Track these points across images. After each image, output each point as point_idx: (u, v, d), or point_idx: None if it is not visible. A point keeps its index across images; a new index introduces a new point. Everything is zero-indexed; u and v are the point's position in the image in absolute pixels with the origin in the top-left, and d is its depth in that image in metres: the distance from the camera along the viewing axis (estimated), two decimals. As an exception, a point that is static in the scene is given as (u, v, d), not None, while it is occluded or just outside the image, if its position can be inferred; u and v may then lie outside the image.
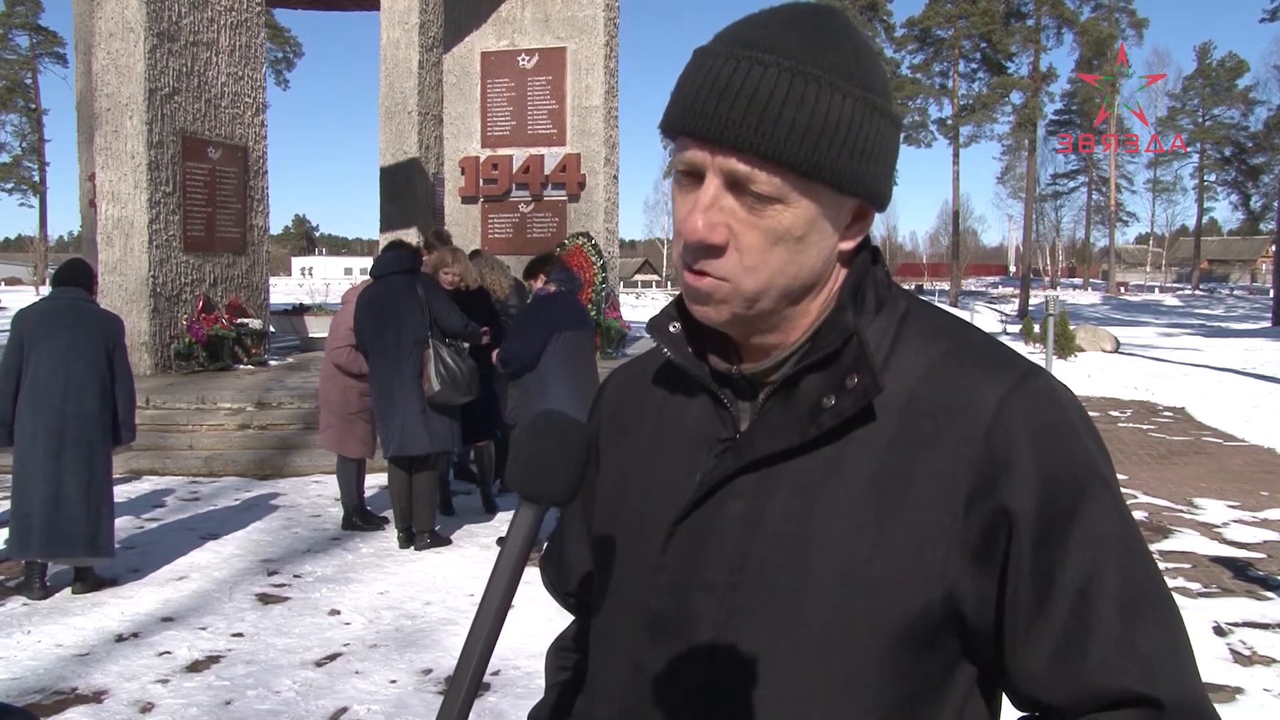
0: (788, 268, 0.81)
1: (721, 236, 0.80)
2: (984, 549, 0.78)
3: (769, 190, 0.78)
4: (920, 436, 0.80)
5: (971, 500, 0.78)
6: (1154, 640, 0.77)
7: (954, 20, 45.48)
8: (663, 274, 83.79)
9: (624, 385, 1.03)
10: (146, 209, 10.35)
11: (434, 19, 15.00)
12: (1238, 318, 39.88)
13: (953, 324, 0.88)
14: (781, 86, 0.76)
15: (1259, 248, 75.18)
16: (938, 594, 0.78)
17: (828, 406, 0.81)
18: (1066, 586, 0.77)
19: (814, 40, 0.78)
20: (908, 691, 0.80)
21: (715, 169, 0.79)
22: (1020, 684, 0.80)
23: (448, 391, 5.48)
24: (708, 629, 0.83)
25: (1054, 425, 0.80)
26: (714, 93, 0.78)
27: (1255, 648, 4.30)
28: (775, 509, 0.82)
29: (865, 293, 0.86)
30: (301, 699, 3.69)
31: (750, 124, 0.76)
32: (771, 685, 0.80)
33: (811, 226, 0.80)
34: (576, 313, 5.62)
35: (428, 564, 5.46)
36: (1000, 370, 0.82)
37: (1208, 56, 59.93)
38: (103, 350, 4.79)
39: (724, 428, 0.88)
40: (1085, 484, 0.79)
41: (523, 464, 0.82)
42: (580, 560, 1.05)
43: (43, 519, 4.63)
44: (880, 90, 0.81)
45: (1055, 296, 14.66)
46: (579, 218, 12.63)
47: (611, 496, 0.97)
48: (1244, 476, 8.06)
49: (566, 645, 1.11)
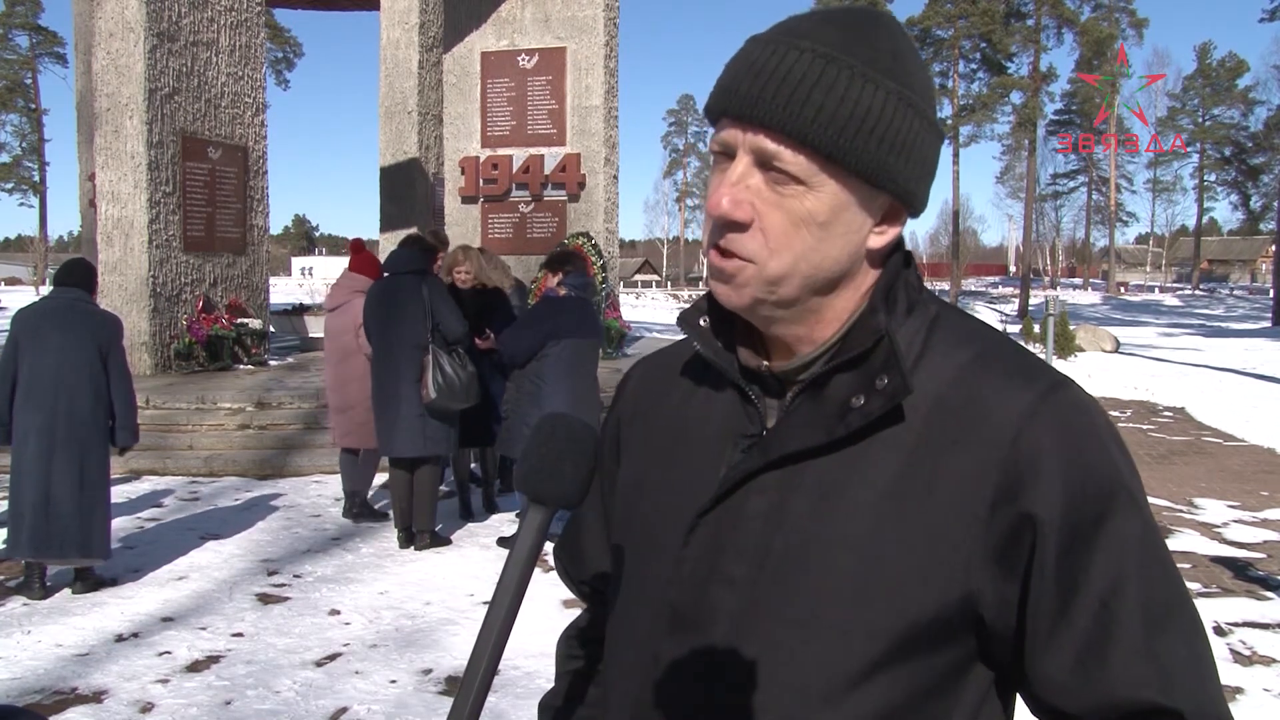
0: (811, 254, 0.81)
1: (746, 214, 0.81)
2: (1006, 554, 0.79)
3: (794, 169, 0.79)
4: (946, 440, 0.81)
5: (996, 505, 0.79)
6: (1176, 651, 0.78)
7: (954, 20, 45.47)
8: (663, 274, 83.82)
9: (648, 377, 1.03)
10: (146, 209, 10.35)
11: (434, 19, 15.02)
12: (1238, 318, 39.89)
13: (982, 330, 0.88)
14: (814, 71, 0.78)
15: (1259, 248, 75.14)
16: (956, 596, 0.79)
17: (856, 406, 0.81)
18: (1090, 595, 0.78)
19: (853, 34, 0.81)
20: (921, 689, 0.80)
21: (745, 146, 0.81)
22: (1040, 691, 0.81)
23: (445, 399, 5.48)
24: (726, 622, 0.84)
25: (1081, 435, 0.81)
26: (749, 74, 0.80)
27: (1255, 648, 4.30)
28: (798, 506, 0.83)
29: (897, 295, 0.86)
30: (301, 699, 3.69)
31: (779, 103, 0.78)
32: (787, 679, 0.81)
33: (836, 215, 0.81)
34: (582, 319, 5.53)
35: (428, 564, 5.46)
36: (1029, 379, 0.82)
37: (1208, 56, 59.94)
38: (96, 351, 4.73)
39: (750, 424, 0.88)
40: (1111, 494, 0.80)
41: (532, 466, 0.82)
42: (596, 549, 1.06)
43: (31, 520, 4.63)
44: (919, 91, 0.82)
45: (1055, 296, 14.67)
46: (579, 218, 12.62)
47: (633, 488, 0.97)
48: (1244, 476, 8.06)
49: (578, 634, 1.12)
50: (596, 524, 1.06)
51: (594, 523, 1.06)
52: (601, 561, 1.05)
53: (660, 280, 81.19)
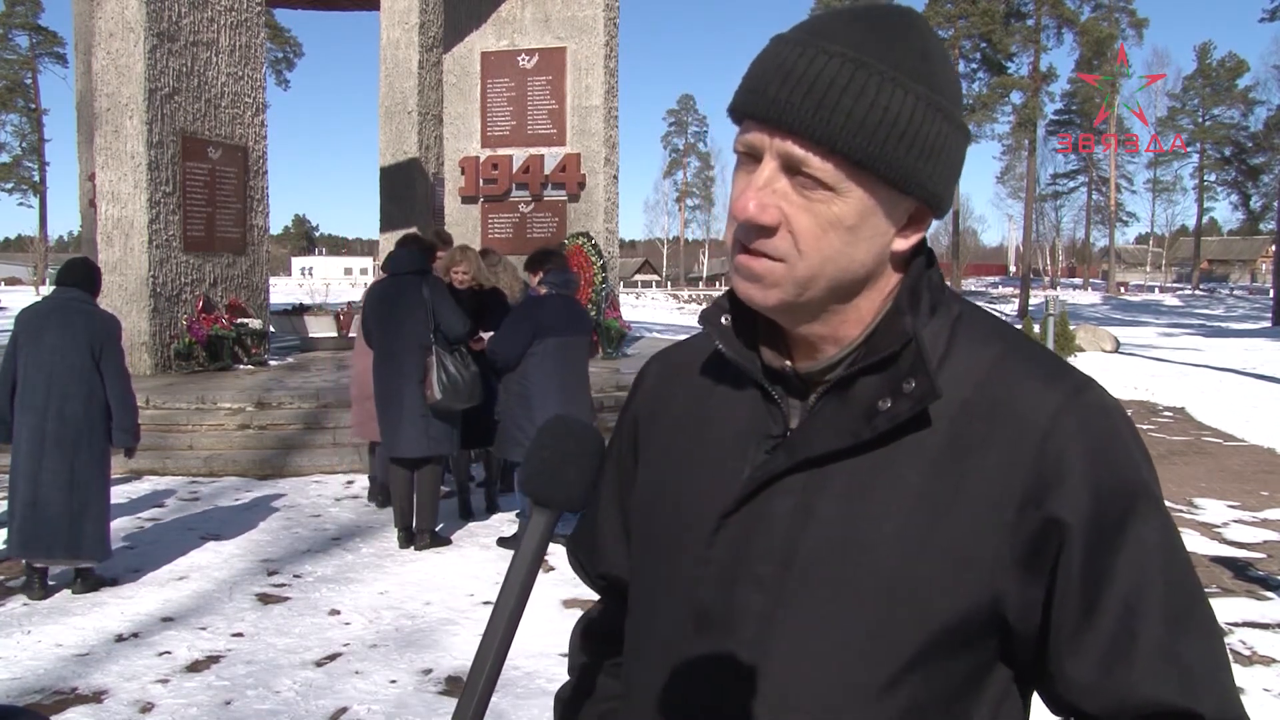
0: (839, 258, 0.81)
1: (773, 217, 0.80)
2: (1032, 556, 0.79)
3: (823, 176, 0.79)
4: (972, 442, 0.81)
5: (1023, 508, 0.79)
6: (1197, 653, 0.78)
7: (954, 20, 45.47)
8: (663, 274, 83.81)
9: (665, 374, 1.03)
10: (146, 209, 10.35)
11: (434, 19, 15.02)
12: (1238, 318, 39.90)
13: (1005, 330, 0.88)
14: (843, 76, 0.78)
15: (1259, 248, 75.13)
16: (983, 599, 0.79)
17: (883, 409, 0.81)
18: (1114, 597, 0.78)
19: (882, 36, 0.80)
20: (946, 689, 0.81)
21: (773, 151, 0.80)
22: (1062, 691, 0.81)
23: (449, 399, 5.49)
24: (754, 623, 0.84)
25: (1107, 438, 0.81)
26: (777, 77, 0.79)
27: (1255, 648, 4.30)
28: (824, 508, 0.83)
29: (920, 296, 0.86)
30: (301, 699, 3.69)
31: (808, 109, 0.77)
32: (814, 680, 0.81)
33: (864, 219, 0.81)
34: (565, 316, 5.49)
35: (428, 564, 5.46)
36: (1054, 380, 0.82)
37: (1208, 56, 59.97)
38: (88, 351, 4.69)
39: (774, 424, 0.88)
40: (1135, 497, 0.80)
41: (536, 470, 0.82)
42: (611, 544, 1.06)
43: (20, 519, 4.65)
44: (948, 94, 0.82)
45: (1055, 296, 14.68)
46: (579, 218, 12.62)
47: (653, 488, 0.97)
48: (1244, 476, 8.06)
49: (591, 628, 1.12)
50: (613, 519, 1.05)
51: (610, 517, 1.06)
52: (616, 556, 1.05)
53: (660, 280, 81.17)
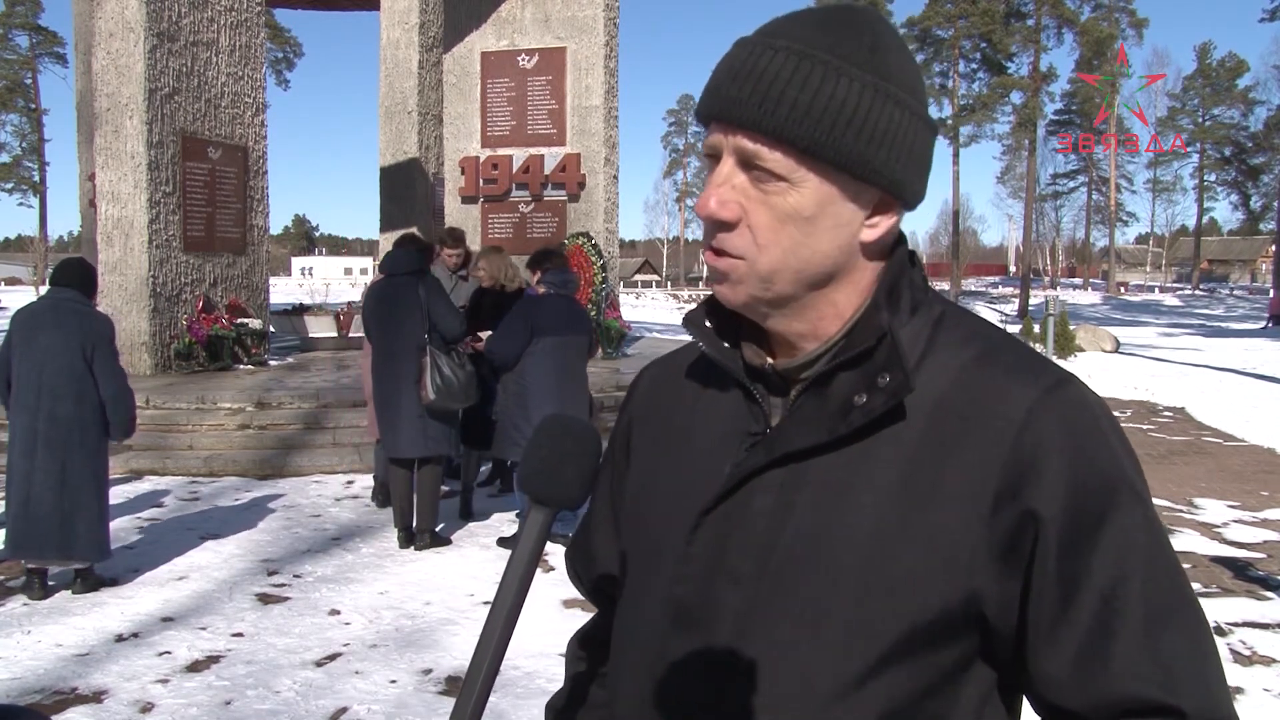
0: (799, 249, 0.82)
1: (732, 213, 0.82)
2: (1009, 551, 0.79)
3: (775, 167, 0.80)
4: (949, 437, 0.81)
5: (999, 502, 0.78)
6: (1178, 649, 0.77)
7: (954, 20, 45.50)
8: (663, 274, 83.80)
9: (658, 379, 1.04)
10: (146, 209, 10.35)
11: (434, 19, 15.02)
12: (1238, 318, 39.90)
13: (987, 329, 0.88)
14: (788, 69, 0.79)
15: (1259, 248, 75.14)
16: (960, 594, 0.79)
17: (859, 404, 0.82)
18: (1092, 592, 0.78)
19: (829, 30, 0.81)
20: (925, 686, 0.80)
21: (729, 148, 0.82)
22: (1042, 689, 0.81)
23: (443, 400, 5.48)
24: (731, 620, 0.84)
25: (1085, 432, 0.80)
26: (729, 77, 0.82)
27: (1255, 648, 4.30)
28: (803, 504, 0.83)
29: (900, 294, 0.86)
30: (301, 699, 3.69)
31: (754, 103, 0.80)
32: (791, 676, 0.81)
33: (822, 209, 0.82)
34: (563, 316, 5.47)
35: (428, 564, 5.46)
36: (1033, 376, 0.82)
37: (1208, 56, 59.97)
38: (80, 352, 4.65)
39: (755, 422, 0.88)
40: (1114, 491, 0.79)
41: (534, 468, 0.83)
42: (605, 552, 1.06)
43: (12, 520, 4.66)
44: (900, 83, 0.82)
45: (1055, 296, 14.69)
46: (579, 218, 12.62)
47: (641, 488, 0.98)
48: (1244, 476, 8.05)
49: (587, 637, 1.12)
50: (606, 526, 1.06)
51: (604, 525, 1.06)
52: (610, 563, 1.05)
53: (660, 280, 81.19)
